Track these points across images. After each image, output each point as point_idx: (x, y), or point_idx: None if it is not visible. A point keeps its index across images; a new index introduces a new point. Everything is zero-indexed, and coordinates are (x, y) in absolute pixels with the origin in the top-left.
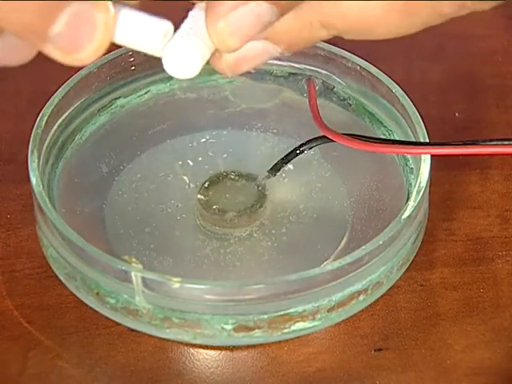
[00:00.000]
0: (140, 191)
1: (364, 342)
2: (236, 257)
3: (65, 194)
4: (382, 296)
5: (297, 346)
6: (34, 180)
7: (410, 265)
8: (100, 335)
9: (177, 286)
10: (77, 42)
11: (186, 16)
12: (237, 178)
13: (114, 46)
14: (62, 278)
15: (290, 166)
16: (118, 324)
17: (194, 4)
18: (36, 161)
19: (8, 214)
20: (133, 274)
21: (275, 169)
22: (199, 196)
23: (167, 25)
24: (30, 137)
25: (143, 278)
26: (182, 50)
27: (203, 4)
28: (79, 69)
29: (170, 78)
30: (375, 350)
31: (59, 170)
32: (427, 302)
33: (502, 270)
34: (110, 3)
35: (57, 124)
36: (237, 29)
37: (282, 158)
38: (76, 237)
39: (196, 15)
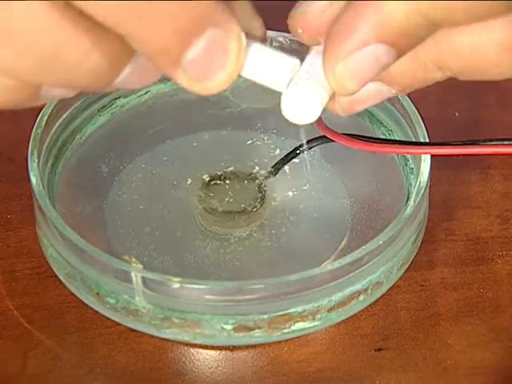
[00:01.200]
0: (140, 191)
1: (364, 342)
2: (236, 257)
3: (65, 194)
4: (381, 296)
5: (297, 346)
6: (33, 180)
7: (410, 265)
8: (100, 335)
9: (177, 285)
10: (208, 70)
11: (303, 59)
12: (237, 178)
13: None
14: (62, 278)
15: (290, 165)
16: (118, 324)
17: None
18: (36, 161)
19: (8, 214)
20: (133, 274)
21: (275, 169)
22: (199, 196)
23: (295, 62)
24: (29, 137)
25: (143, 278)
26: (301, 96)
27: (320, 47)
28: None
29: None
30: (375, 350)
31: (59, 170)
32: (427, 302)
33: (502, 270)
34: (242, 33)
35: (57, 124)
36: (355, 72)
37: (282, 158)
38: (76, 237)
39: (313, 58)
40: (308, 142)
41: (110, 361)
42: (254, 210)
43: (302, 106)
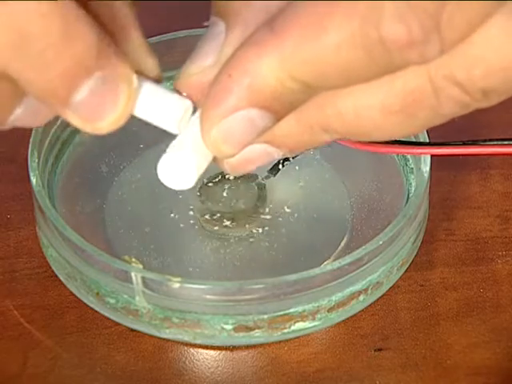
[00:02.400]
0: (140, 191)
1: (364, 342)
2: (236, 257)
3: (65, 194)
4: (381, 296)
5: (297, 346)
6: (33, 180)
7: (410, 265)
8: (100, 335)
9: (177, 285)
10: (98, 111)
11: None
12: (237, 178)
13: None
14: (62, 278)
15: (289, 165)
16: (117, 324)
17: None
18: (36, 161)
19: (8, 214)
20: (133, 274)
21: (275, 169)
22: (199, 196)
23: (186, 103)
24: (30, 137)
25: (143, 278)
26: (176, 164)
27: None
28: None
29: (170, 78)
30: (375, 350)
31: (59, 170)
32: (427, 302)
33: (502, 270)
34: (134, 75)
35: (57, 124)
36: (230, 136)
37: (282, 158)
38: (76, 237)
39: (194, 122)
40: None
41: (110, 361)
42: (254, 210)
43: (177, 174)
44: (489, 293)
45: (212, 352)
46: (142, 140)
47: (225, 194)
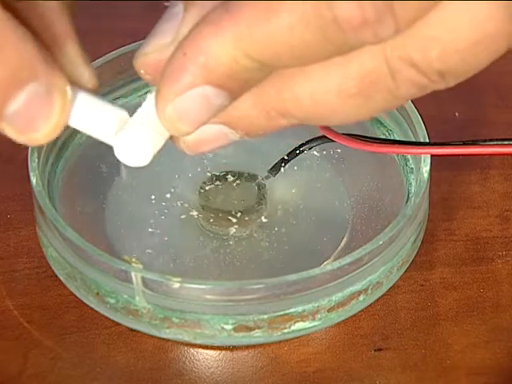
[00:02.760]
0: (140, 191)
1: (364, 342)
2: (236, 257)
3: (65, 194)
4: (381, 296)
5: (297, 346)
6: (33, 180)
7: (410, 265)
8: (100, 335)
9: (177, 285)
10: (32, 123)
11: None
12: (237, 178)
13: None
14: (62, 278)
15: (289, 166)
16: (117, 324)
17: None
18: (36, 161)
19: (8, 214)
20: (133, 274)
21: (275, 169)
22: (199, 196)
23: (122, 114)
24: None
25: (143, 278)
26: (132, 140)
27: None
28: None
29: None
30: (375, 350)
31: (59, 170)
32: (427, 302)
33: (502, 270)
34: (68, 87)
35: None
36: (185, 114)
37: (282, 158)
38: (76, 237)
39: (150, 100)
40: (308, 141)
41: (110, 361)
42: (254, 209)
43: (133, 150)
44: (489, 293)
45: (212, 352)
46: None
47: (225, 194)
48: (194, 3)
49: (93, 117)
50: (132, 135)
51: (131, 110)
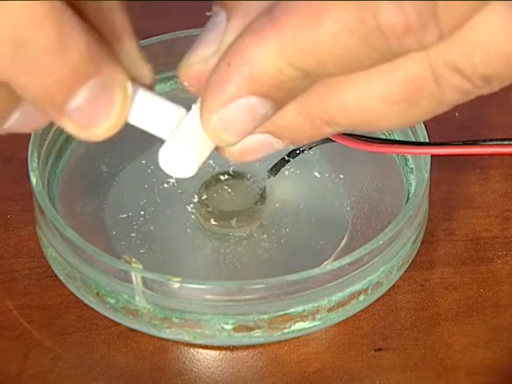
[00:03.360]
0: (140, 191)
1: (364, 342)
2: (236, 257)
3: (65, 194)
4: (381, 296)
5: (297, 346)
6: (33, 180)
7: (410, 265)
8: (100, 335)
9: (177, 285)
10: (93, 118)
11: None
12: (237, 178)
13: None
14: (62, 278)
15: (289, 165)
16: (117, 324)
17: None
18: (36, 161)
19: (8, 214)
20: (133, 274)
21: (275, 169)
22: (199, 196)
23: (180, 111)
24: (30, 137)
25: (143, 278)
26: (177, 152)
27: None
28: None
29: (170, 78)
30: (375, 350)
31: (59, 170)
32: (427, 302)
33: (502, 270)
34: (129, 82)
35: (57, 124)
36: (230, 124)
37: (282, 158)
38: (76, 237)
39: (195, 111)
40: None
41: (110, 361)
42: (254, 209)
43: (178, 161)
44: (489, 293)
45: (212, 352)
46: (142, 140)
47: (225, 194)
48: (237, 12)
49: (152, 113)
50: (177, 147)
51: None
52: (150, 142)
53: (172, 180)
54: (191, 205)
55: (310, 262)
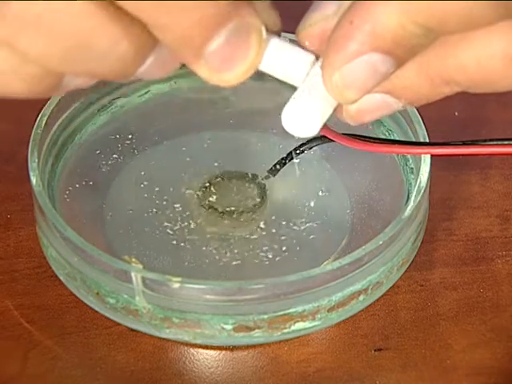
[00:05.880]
0: (140, 191)
1: (364, 342)
2: (236, 257)
3: (65, 194)
4: (382, 296)
5: (297, 346)
6: (33, 180)
7: (410, 265)
8: (100, 335)
9: (177, 285)
10: (229, 62)
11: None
12: (237, 178)
13: None
14: (62, 278)
15: (290, 166)
16: (118, 324)
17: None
18: (36, 161)
19: (8, 214)
20: (133, 274)
21: (275, 169)
22: (199, 196)
23: (310, 57)
24: (30, 137)
25: (143, 278)
26: (299, 111)
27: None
28: None
29: (170, 78)
30: (375, 350)
31: (59, 170)
32: (427, 302)
33: (502, 270)
34: (263, 26)
35: (57, 124)
36: (352, 81)
37: (282, 158)
38: (76, 237)
39: (316, 70)
40: (308, 141)
41: (110, 361)
42: (254, 209)
43: (301, 120)
44: (489, 293)
45: (212, 352)
46: (142, 140)
47: (225, 194)
48: None
49: (283, 60)
50: (300, 106)
51: (131, 110)
52: (149, 143)
53: (172, 180)
54: (191, 205)
55: (310, 262)
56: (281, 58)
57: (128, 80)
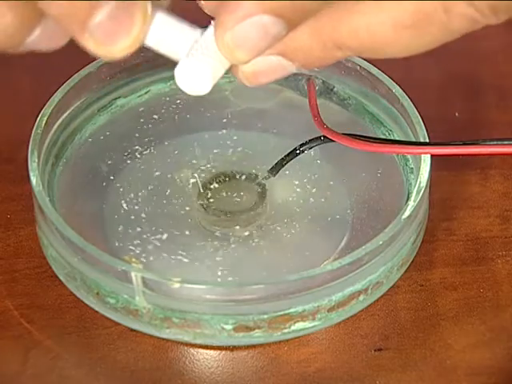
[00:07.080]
0: (140, 191)
1: (364, 342)
2: (236, 257)
3: (65, 194)
4: (382, 296)
5: (297, 346)
6: (33, 180)
7: (410, 265)
8: (100, 335)
9: (177, 285)
10: (113, 35)
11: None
12: (237, 178)
13: None
14: (62, 278)
15: (289, 166)
16: (117, 324)
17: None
18: (36, 161)
19: (8, 214)
20: (133, 274)
21: (275, 169)
22: (199, 196)
23: (197, 33)
24: (30, 137)
25: (143, 278)
26: (192, 69)
27: None
28: (79, 69)
29: (170, 78)
30: (375, 350)
31: (59, 170)
32: (427, 302)
33: (502, 270)
34: (149, 3)
35: (57, 124)
36: (243, 41)
37: (282, 158)
38: (76, 237)
39: (210, 31)
40: (308, 141)
41: (110, 361)
42: (254, 209)
43: (193, 78)
44: (489, 293)
45: (212, 352)
46: (142, 140)
47: (225, 194)
48: None
49: (168, 35)
50: (193, 64)
51: (131, 110)
52: (149, 143)
53: (172, 180)
54: (191, 205)
55: (310, 262)
56: (166, 33)
57: (17, 50)
